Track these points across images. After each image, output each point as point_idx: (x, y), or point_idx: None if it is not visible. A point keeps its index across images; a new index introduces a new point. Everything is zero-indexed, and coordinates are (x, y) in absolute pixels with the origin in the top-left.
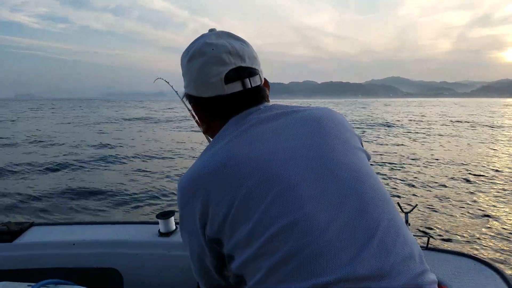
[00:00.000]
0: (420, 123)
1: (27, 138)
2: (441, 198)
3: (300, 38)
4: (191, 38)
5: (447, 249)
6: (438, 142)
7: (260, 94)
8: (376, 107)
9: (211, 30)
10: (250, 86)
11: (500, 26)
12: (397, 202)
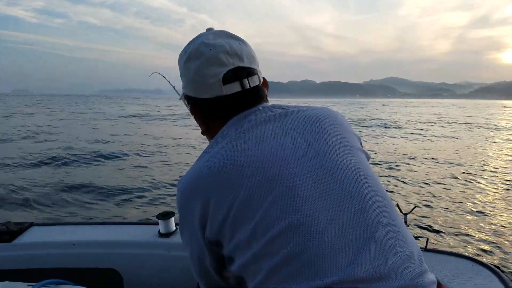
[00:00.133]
0: (417, 124)
1: (26, 135)
2: (440, 199)
3: (299, 37)
4: (189, 34)
5: (446, 250)
6: (436, 143)
7: (258, 94)
8: (374, 107)
9: (209, 29)
10: (248, 87)
11: (499, 27)
12: (396, 203)
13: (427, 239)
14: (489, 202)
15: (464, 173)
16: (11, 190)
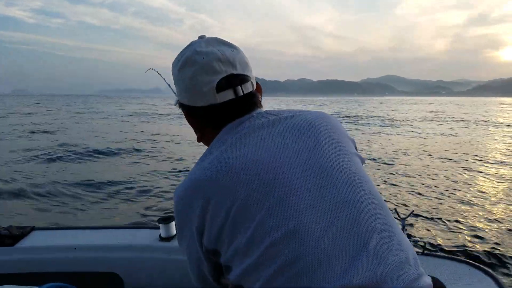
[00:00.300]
0: (413, 122)
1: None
2: (438, 202)
3: (298, 37)
4: (189, 34)
5: (444, 254)
6: (433, 140)
7: (252, 101)
8: (371, 105)
9: (201, 37)
10: (242, 94)
11: (496, 26)
12: (394, 208)
13: (425, 243)
14: (487, 206)
15: (463, 173)
16: (12, 193)
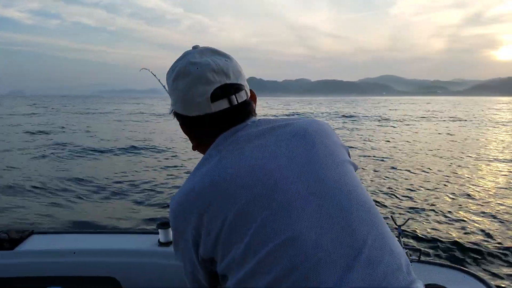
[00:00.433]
0: (411, 121)
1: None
2: (433, 210)
3: (295, 37)
4: (186, 34)
5: (438, 261)
6: (428, 139)
7: (246, 110)
8: (369, 105)
9: (195, 47)
10: (236, 103)
11: (492, 25)
12: (390, 215)
13: (420, 250)
14: (483, 212)
15: (459, 177)
16: (11, 197)
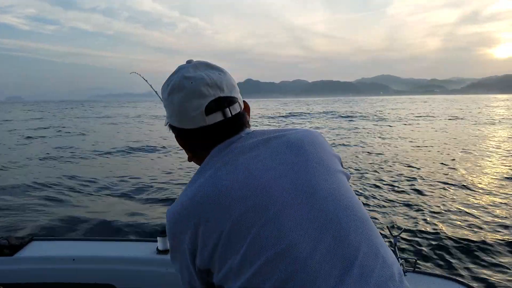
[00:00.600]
0: (409, 121)
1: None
2: (428, 221)
3: (291, 38)
4: (182, 37)
5: (433, 272)
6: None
7: (241, 122)
8: (367, 104)
9: (189, 61)
10: (230, 115)
11: (488, 23)
12: (386, 225)
13: (416, 261)
14: (479, 223)
15: (455, 185)
16: (12, 203)
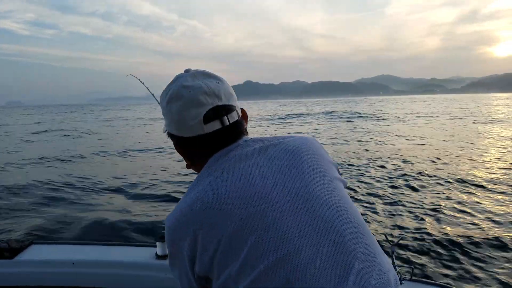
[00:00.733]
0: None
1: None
2: (426, 228)
3: (290, 39)
4: (181, 41)
5: (430, 280)
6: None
7: (238, 130)
8: (367, 104)
9: (187, 70)
10: (228, 123)
11: (487, 22)
12: (384, 233)
13: (413, 269)
14: (475, 228)
15: (456, 188)
16: (12, 207)
